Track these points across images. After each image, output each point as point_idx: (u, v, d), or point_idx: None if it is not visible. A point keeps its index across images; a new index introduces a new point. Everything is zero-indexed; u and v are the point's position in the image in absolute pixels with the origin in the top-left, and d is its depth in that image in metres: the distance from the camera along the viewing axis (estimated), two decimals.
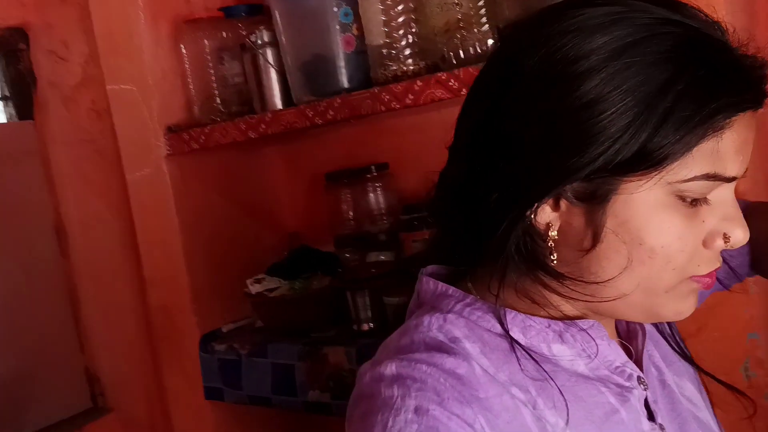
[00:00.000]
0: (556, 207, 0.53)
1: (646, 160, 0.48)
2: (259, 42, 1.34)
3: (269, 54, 1.34)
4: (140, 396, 1.70)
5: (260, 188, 1.67)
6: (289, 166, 1.72)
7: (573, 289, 0.54)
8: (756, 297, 0.86)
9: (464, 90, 1.03)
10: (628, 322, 0.63)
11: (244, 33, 1.37)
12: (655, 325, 0.67)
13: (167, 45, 1.44)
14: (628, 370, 0.58)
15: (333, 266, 1.46)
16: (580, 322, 0.57)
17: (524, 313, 0.57)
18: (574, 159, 0.49)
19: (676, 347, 0.67)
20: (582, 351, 0.57)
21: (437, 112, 1.43)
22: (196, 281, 1.48)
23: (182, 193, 1.47)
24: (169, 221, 1.46)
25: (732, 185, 0.52)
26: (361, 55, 1.23)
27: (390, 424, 0.50)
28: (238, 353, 1.40)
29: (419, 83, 1.08)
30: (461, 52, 1.10)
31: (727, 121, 0.48)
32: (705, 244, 0.52)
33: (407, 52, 1.17)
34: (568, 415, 0.54)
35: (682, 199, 0.50)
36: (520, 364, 0.55)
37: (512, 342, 0.56)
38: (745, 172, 0.52)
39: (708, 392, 0.67)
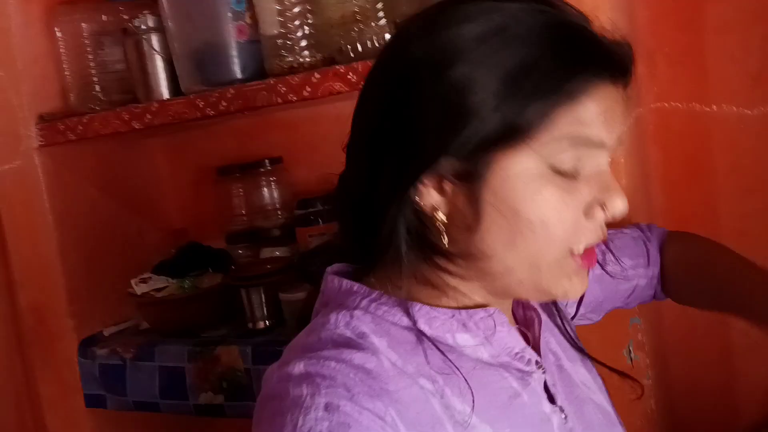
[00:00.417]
0: (441, 190, 0.55)
1: (514, 132, 0.51)
2: (143, 27, 1.27)
3: (154, 40, 1.28)
4: (10, 405, 1.58)
5: (143, 182, 1.59)
6: (174, 158, 1.65)
7: (467, 268, 0.56)
8: None
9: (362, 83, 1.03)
10: (525, 310, 0.66)
11: (126, 17, 1.30)
12: (549, 315, 0.71)
13: (39, 27, 1.34)
14: (527, 356, 0.60)
15: (224, 263, 1.42)
16: (482, 310, 0.59)
17: (428, 304, 0.58)
18: (446, 138, 0.52)
19: (566, 336, 0.71)
20: (484, 339, 0.59)
21: (332, 104, 1.43)
22: (73, 282, 1.39)
23: (56, 188, 1.37)
24: (42, 217, 1.36)
25: (606, 156, 0.55)
26: (255, 45, 1.20)
27: (300, 423, 0.50)
28: (122, 357, 1.33)
29: (317, 75, 1.07)
30: (359, 46, 1.09)
31: (584, 88, 0.52)
32: (586, 214, 0.55)
33: (303, 43, 1.15)
34: (473, 401, 0.56)
35: (557, 171, 0.53)
36: (426, 356, 0.56)
37: (420, 334, 0.57)
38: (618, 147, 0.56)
39: (602, 377, 0.71)
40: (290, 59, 1.15)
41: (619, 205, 0.55)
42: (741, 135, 1.06)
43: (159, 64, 1.28)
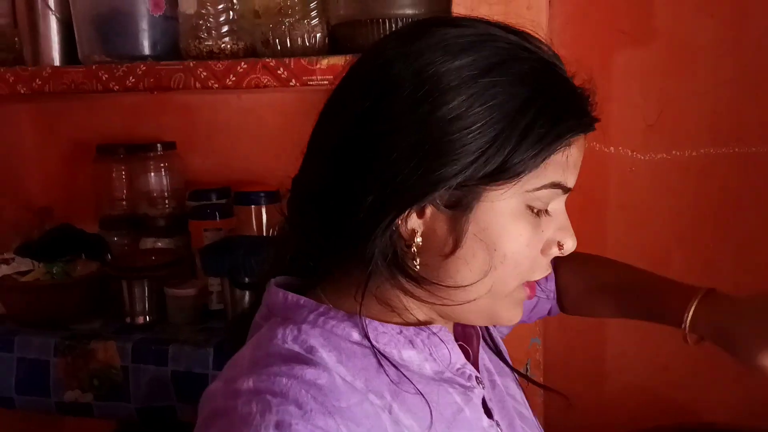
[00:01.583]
0: (421, 214, 0.55)
1: (509, 171, 0.53)
2: None
3: None
4: None
5: (4, 151, 1.46)
6: (43, 130, 1.53)
7: (431, 293, 0.57)
8: None
9: (293, 81, 1.02)
10: (463, 327, 0.68)
11: None
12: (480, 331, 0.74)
13: None
14: (468, 371, 0.62)
15: (99, 250, 1.33)
16: (429, 328, 0.60)
17: (377, 320, 0.59)
18: (446, 168, 0.52)
19: (494, 351, 0.75)
20: (429, 355, 0.60)
21: (235, 95, 1.40)
22: None
23: None
24: None
25: (565, 199, 0.59)
26: (170, 22, 1.15)
27: None
28: None
29: (244, 65, 1.04)
30: (288, 41, 1.09)
31: (574, 138, 0.55)
32: (543, 251, 0.58)
33: (225, 29, 1.12)
34: (431, 417, 0.57)
35: (531, 209, 0.56)
36: (385, 371, 0.57)
37: (370, 350, 0.57)
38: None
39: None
40: (209, 43, 1.11)
41: (571, 244, 0.59)
42: (632, 177, 1.18)
43: (53, 25, 1.18)
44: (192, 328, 1.21)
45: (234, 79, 1.05)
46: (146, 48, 1.14)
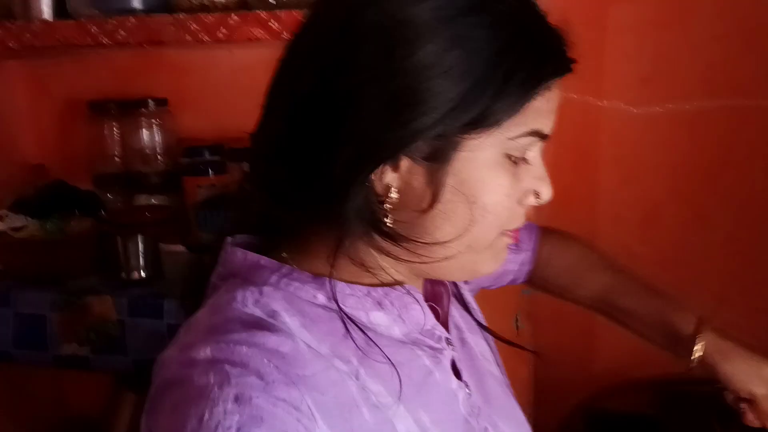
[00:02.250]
0: (396, 168, 0.53)
1: (489, 119, 0.50)
2: None
3: None
4: None
5: None
6: (36, 86, 1.53)
7: (409, 251, 0.54)
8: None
9: (285, 33, 1.02)
10: (433, 285, 0.66)
11: None
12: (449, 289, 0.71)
13: None
14: (438, 333, 0.60)
15: (93, 207, 1.34)
16: (399, 288, 0.58)
17: (345, 281, 0.56)
18: (422, 117, 0.50)
19: (467, 308, 0.72)
20: (398, 317, 0.57)
21: (227, 50, 1.40)
22: None
23: None
24: None
25: (541, 146, 0.57)
26: None
27: (206, 416, 0.45)
28: None
29: (235, 18, 1.04)
30: None
31: (551, 83, 0.53)
32: (519, 201, 0.56)
33: None
34: (400, 382, 0.55)
35: (509, 158, 0.53)
36: (351, 335, 0.54)
37: (336, 313, 0.55)
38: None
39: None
40: None
41: (547, 193, 0.57)
42: (625, 130, 1.18)
43: None
44: None
45: (225, 32, 1.05)
46: (136, 1, 1.14)
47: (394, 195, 0.53)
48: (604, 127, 1.19)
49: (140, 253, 1.25)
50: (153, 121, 1.39)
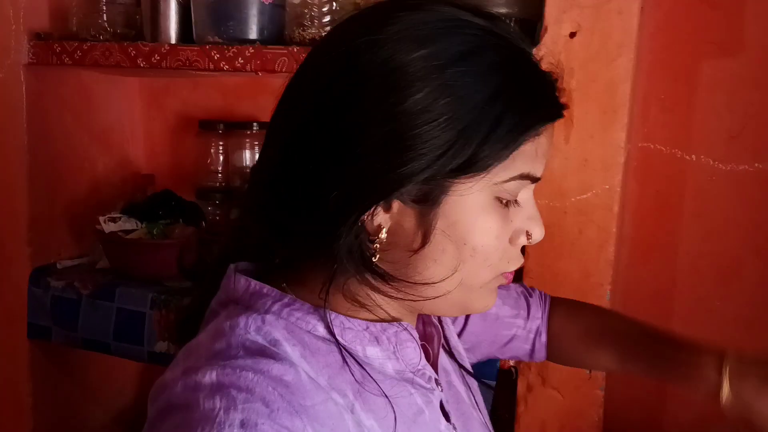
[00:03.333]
0: (388, 209, 0.54)
1: (477, 164, 0.52)
2: None
3: None
4: None
5: (117, 121, 1.61)
6: (152, 103, 1.67)
7: (399, 290, 0.56)
8: (613, 303, 1.05)
9: None
10: (425, 326, 0.67)
11: None
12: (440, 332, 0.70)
13: None
14: (428, 373, 0.61)
15: (195, 217, 1.45)
16: (395, 324, 0.59)
17: (344, 315, 0.58)
18: (413, 162, 0.51)
19: (451, 353, 0.73)
20: (392, 353, 0.58)
21: None
22: (36, 208, 1.39)
23: (37, 109, 1.38)
24: (17, 137, 1.36)
25: (533, 188, 0.58)
26: (278, 9, 1.25)
27: None
28: (78, 292, 1.34)
29: None
30: None
31: (542, 129, 0.54)
32: (511, 241, 0.58)
33: (326, 19, 1.22)
34: (395, 419, 0.56)
35: (500, 200, 0.55)
36: (350, 369, 0.56)
37: (335, 345, 0.56)
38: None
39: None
40: (312, 31, 1.21)
41: (538, 233, 0.59)
42: (710, 186, 1.21)
43: (173, 5, 1.30)
44: None
45: None
46: (254, 32, 1.25)
47: (383, 236, 0.54)
48: (689, 181, 1.21)
49: None
50: (254, 142, 1.50)
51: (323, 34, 1.21)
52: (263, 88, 1.56)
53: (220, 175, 1.55)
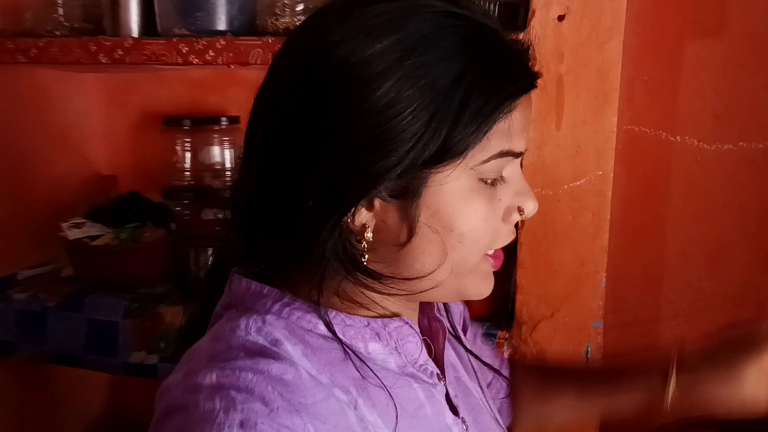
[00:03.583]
0: (370, 207, 0.54)
1: (450, 152, 0.51)
2: None
3: None
4: None
5: (75, 119, 1.53)
6: (112, 99, 1.59)
7: (392, 286, 0.56)
8: (605, 290, 1.03)
9: None
10: (430, 321, 0.67)
11: None
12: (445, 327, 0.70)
13: None
14: (430, 368, 0.61)
15: (165, 219, 1.39)
16: (397, 320, 0.59)
17: (344, 312, 0.58)
18: (384, 160, 0.51)
19: (456, 336, 0.74)
20: (394, 349, 0.59)
21: None
22: None
23: None
24: None
25: (519, 162, 0.58)
26: None
27: None
28: (44, 304, 1.27)
29: None
30: None
31: (514, 104, 0.53)
32: (504, 219, 0.57)
33: (300, 7, 1.16)
34: (396, 415, 0.56)
35: (483, 181, 0.55)
36: (355, 365, 0.56)
37: (337, 343, 0.56)
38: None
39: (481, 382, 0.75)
40: (286, 20, 1.16)
41: (531, 207, 0.58)
42: (696, 166, 1.20)
43: None
44: None
45: None
46: (223, 23, 1.19)
47: (368, 234, 0.54)
48: (675, 163, 1.21)
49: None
50: (224, 138, 1.44)
51: (297, 23, 1.16)
52: (232, 80, 1.50)
53: (188, 173, 1.48)
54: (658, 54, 1.03)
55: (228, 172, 1.44)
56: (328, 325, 0.56)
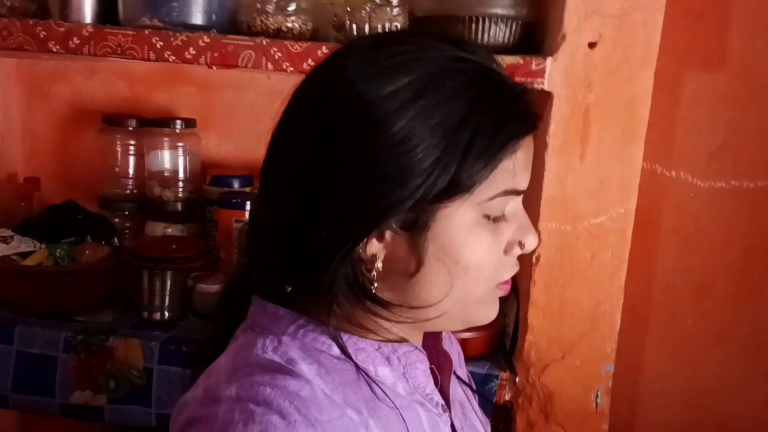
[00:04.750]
0: (381, 238, 0.57)
1: (458, 187, 0.55)
2: None
3: None
4: None
5: None
6: (34, 90, 1.40)
7: (401, 315, 0.59)
8: (620, 333, 1.01)
9: None
10: (438, 355, 0.69)
11: None
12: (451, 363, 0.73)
13: None
14: (435, 398, 0.64)
15: (106, 233, 1.22)
16: (405, 345, 0.62)
17: (357, 335, 0.60)
18: (395, 193, 0.54)
19: (465, 383, 0.76)
20: (402, 375, 0.61)
21: (265, 74, 1.32)
22: None
23: None
24: None
25: (521, 198, 0.61)
26: None
27: None
28: None
29: (325, 49, 0.98)
30: (367, 28, 1.03)
31: (519, 143, 0.57)
32: (505, 253, 0.61)
33: (293, 6, 1.05)
34: None
35: (487, 217, 0.58)
36: (370, 386, 0.58)
37: (350, 364, 0.58)
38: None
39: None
40: (278, 19, 1.04)
41: (532, 241, 0.62)
42: (689, 202, 1.21)
43: None
44: None
45: (313, 64, 0.98)
46: (199, 17, 1.06)
47: (380, 264, 0.57)
48: (669, 198, 1.21)
49: (166, 292, 1.14)
50: (178, 143, 1.29)
51: (290, 24, 1.05)
52: (181, 78, 1.36)
53: (130, 180, 1.32)
54: (657, 86, 1.01)
55: (181, 183, 1.29)
56: (342, 347, 0.58)
